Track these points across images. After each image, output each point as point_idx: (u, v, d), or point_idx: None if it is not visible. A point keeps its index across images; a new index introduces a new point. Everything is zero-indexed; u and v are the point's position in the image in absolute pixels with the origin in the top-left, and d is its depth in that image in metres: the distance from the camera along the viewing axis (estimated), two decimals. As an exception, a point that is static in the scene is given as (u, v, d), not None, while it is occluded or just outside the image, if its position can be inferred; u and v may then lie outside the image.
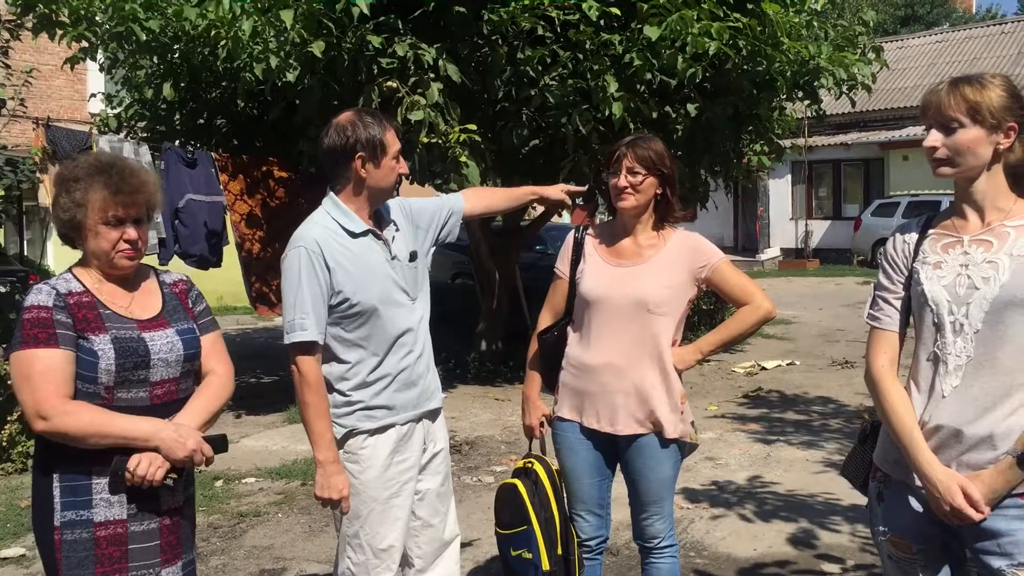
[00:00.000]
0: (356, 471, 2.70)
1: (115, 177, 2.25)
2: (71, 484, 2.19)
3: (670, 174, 2.91)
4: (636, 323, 2.85)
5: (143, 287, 2.38)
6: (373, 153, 2.67)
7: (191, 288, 2.50)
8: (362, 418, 2.71)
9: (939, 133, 2.01)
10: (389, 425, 2.73)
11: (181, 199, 7.20)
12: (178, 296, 2.44)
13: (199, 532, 4.74)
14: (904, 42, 27.58)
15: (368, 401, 2.71)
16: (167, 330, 2.32)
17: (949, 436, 2.01)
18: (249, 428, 7.36)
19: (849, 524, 4.65)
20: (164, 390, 2.28)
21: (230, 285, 15.32)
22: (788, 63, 7.51)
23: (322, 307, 2.63)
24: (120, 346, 2.20)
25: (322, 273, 2.62)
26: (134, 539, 2.22)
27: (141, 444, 2.17)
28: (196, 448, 2.21)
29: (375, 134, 2.66)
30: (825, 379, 8.87)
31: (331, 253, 2.64)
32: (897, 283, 2.15)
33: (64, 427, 2.13)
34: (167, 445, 2.18)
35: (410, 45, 6.49)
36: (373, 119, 2.70)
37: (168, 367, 2.28)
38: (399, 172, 2.74)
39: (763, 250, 23.82)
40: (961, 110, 1.98)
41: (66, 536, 2.19)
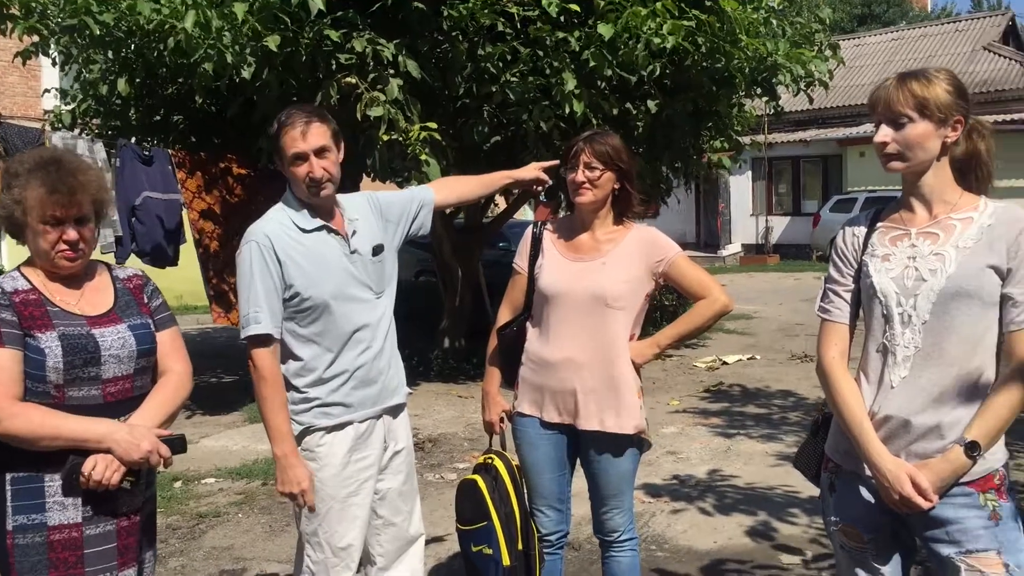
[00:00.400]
0: (314, 469, 2.68)
1: (53, 175, 2.16)
2: (23, 487, 2.13)
3: (628, 169, 2.92)
4: (594, 318, 2.86)
5: (94, 283, 2.31)
6: (275, 153, 2.68)
7: (147, 283, 2.43)
8: (319, 415, 2.69)
9: (889, 128, 2.04)
10: (347, 423, 2.71)
11: (138, 196, 7.09)
12: (132, 292, 2.37)
13: (158, 534, 4.68)
14: (861, 40, 27.95)
15: (324, 398, 2.69)
16: (118, 326, 2.25)
17: (898, 426, 2.04)
18: (209, 428, 7.28)
19: (807, 516, 4.70)
20: (118, 388, 2.22)
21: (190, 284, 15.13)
22: (746, 60, 7.57)
23: (276, 301, 2.62)
24: (68, 343, 2.15)
25: (274, 267, 2.61)
26: (90, 543, 2.16)
27: (94, 446, 2.11)
28: (152, 449, 2.15)
29: (273, 135, 2.64)
30: (785, 373, 8.97)
31: (282, 247, 2.63)
32: (847, 276, 2.18)
33: (13, 430, 2.07)
34: (121, 447, 2.12)
35: (368, 40, 6.44)
36: (280, 120, 2.64)
37: (120, 363, 2.22)
38: (306, 175, 2.62)
39: (724, 246, 24.03)
40: (910, 105, 2.01)
41: (18, 540, 2.13)
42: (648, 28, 6.61)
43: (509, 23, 6.80)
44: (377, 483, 2.82)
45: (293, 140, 2.61)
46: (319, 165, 2.63)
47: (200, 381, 9.26)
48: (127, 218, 7.03)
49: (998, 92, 21.84)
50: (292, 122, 2.62)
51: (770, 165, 23.93)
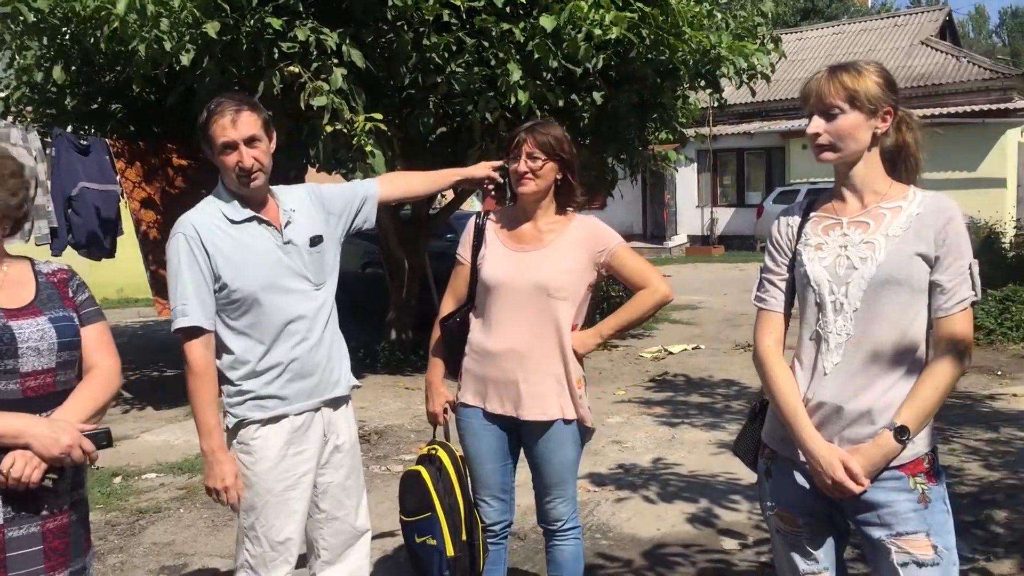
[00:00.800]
0: (249, 462, 2.65)
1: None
2: None
3: (570, 159, 2.93)
4: (537, 308, 2.87)
5: (13, 277, 2.22)
6: (203, 142, 2.63)
7: (72, 277, 2.34)
8: (253, 408, 2.66)
9: (821, 120, 2.08)
10: (282, 415, 2.68)
11: (74, 187, 6.93)
12: (56, 285, 2.28)
13: (96, 530, 4.60)
14: (803, 34, 28.41)
15: (258, 391, 2.66)
16: (38, 318, 2.16)
17: (831, 412, 2.08)
18: (150, 422, 7.16)
19: (748, 502, 4.78)
20: (38, 382, 2.13)
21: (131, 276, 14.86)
22: (690, 52, 7.63)
23: (206, 292, 2.58)
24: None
25: (202, 258, 2.57)
26: (12, 546, 2.05)
27: (10, 442, 2.01)
28: (73, 444, 2.05)
29: (200, 125, 2.60)
30: (729, 362, 9.10)
31: (210, 238, 2.59)
32: (782, 265, 2.22)
33: None
34: (40, 442, 2.01)
35: (312, 29, 6.36)
36: (209, 108, 2.60)
37: (40, 356, 2.12)
38: (235, 164, 2.57)
39: (670, 237, 24.26)
40: (841, 97, 2.05)
41: None
42: (591, 19, 6.63)
43: (454, 13, 6.77)
44: (318, 477, 2.79)
45: (223, 129, 2.56)
46: (249, 154, 2.58)
47: (142, 375, 9.10)
48: (63, 209, 6.86)
49: (935, 86, 22.39)
50: (222, 110, 2.57)
51: (715, 157, 24.22)
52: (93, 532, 4.49)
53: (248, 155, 2.58)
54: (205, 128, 2.60)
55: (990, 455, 5.48)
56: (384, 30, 6.93)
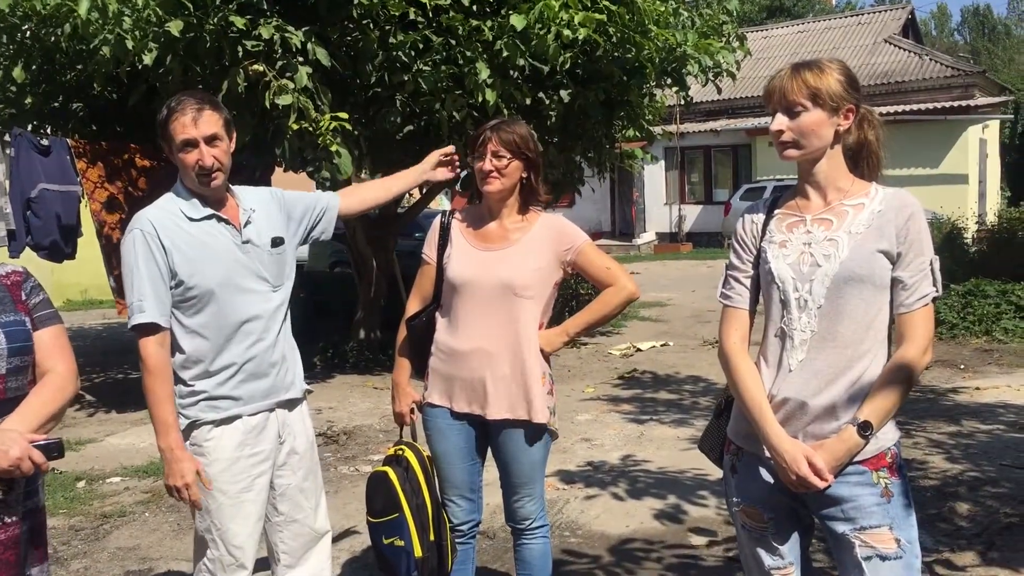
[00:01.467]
0: (203, 464, 2.62)
1: None
2: None
3: (535, 158, 2.93)
4: (503, 307, 2.86)
5: None
6: (162, 139, 2.62)
7: (26, 280, 2.26)
8: (205, 408, 2.64)
9: (784, 117, 2.09)
10: (236, 416, 2.66)
11: (34, 188, 6.81)
12: (8, 288, 2.21)
13: (59, 535, 4.53)
14: (769, 32, 28.65)
15: (211, 391, 2.63)
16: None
17: (795, 408, 2.09)
18: (115, 426, 7.07)
19: (716, 498, 4.81)
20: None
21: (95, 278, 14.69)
22: (656, 50, 7.67)
23: (162, 288, 2.57)
24: None
25: (159, 254, 2.55)
26: None
27: None
28: (21, 457, 1.96)
29: (159, 121, 2.59)
30: (697, 359, 9.15)
31: (167, 234, 2.58)
32: (747, 262, 2.23)
33: None
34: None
35: (276, 27, 6.30)
36: (169, 105, 2.58)
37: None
38: (195, 163, 2.55)
39: (639, 234, 24.36)
40: (804, 94, 2.06)
41: None
42: (560, 19, 6.64)
43: (421, 12, 6.75)
44: (276, 479, 2.77)
45: (183, 126, 2.54)
46: (209, 153, 2.56)
47: (106, 377, 8.97)
48: (21, 211, 6.75)
49: (898, 83, 22.68)
50: (183, 108, 2.55)
51: (682, 154, 24.34)
52: (56, 537, 4.46)
53: (208, 154, 2.57)
54: (165, 125, 2.57)
55: (953, 448, 5.56)
56: (350, 28, 6.89)
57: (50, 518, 4.67)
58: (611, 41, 7.16)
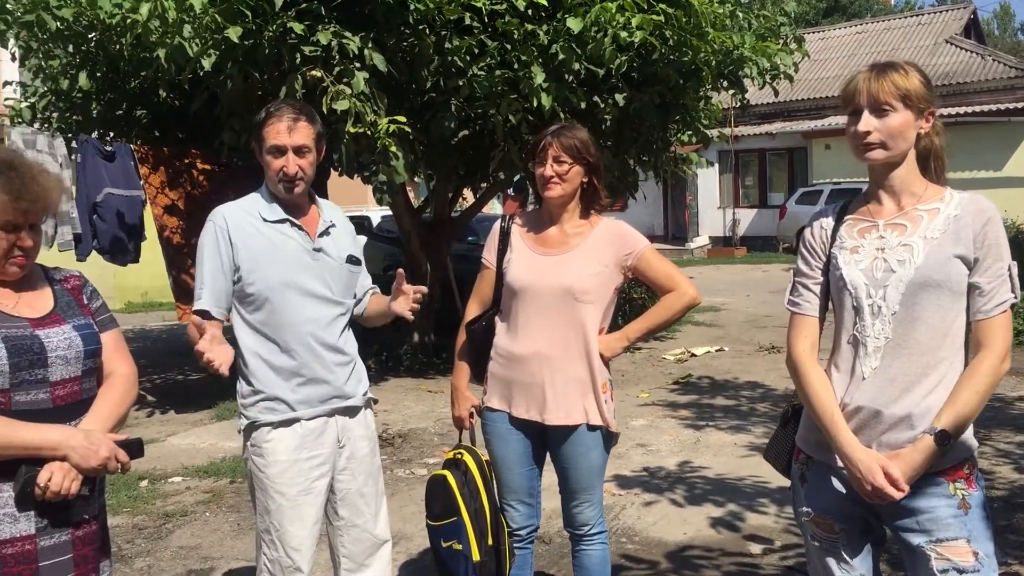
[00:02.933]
0: (261, 464, 2.67)
1: (16, 182, 2.05)
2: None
3: (595, 163, 2.91)
4: (563, 312, 2.85)
5: (31, 285, 2.19)
6: (257, 144, 2.69)
7: (85, 284, 2.32)
8: (263, 410, 2.68)
9: (872, 117, 2.04)
10: (293, 420, 2.69)
11: (99, 193, 6.97)
12: (71, 292, 2.26)
13: (123, 534, 4.62)
14: (826, 33, 28.23)
15: (268, 392, 2.68)
16: (63, 326, 2.14)
17: (869, 417, 2.05)
18: (176, 426, 7.19)
19: (776, 506, 4.73)
20: (66, 390, 2.11)
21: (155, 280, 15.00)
22: (713, 53, 7.59)
23: (221, 280, 2.64)
24: (12, 344, 2.03)
25: (224, 247, 2.63)
26: (44, 555, 2.04)
27: (48, 454, 2.00)
28: (109, 456, 2.04)
29: (259, 123, 2.66)
30: (753, 364, 9.03)
31: (238, 230, 2.65)
32: (816, 269, 2.19)
33: None
34: (78, 454, 2.00)
35: (334, 33, 6.37)
36: (268, 109, 2.66)
37: (68, 365, 2.11)
38: (280, 169, 2.62)
39: (692, 239, 24.17)
40: (894, 95, 2.02)
41: None
42: (616, 22, 6.61)
43: (476, 16, 6.77)
44: (336, 483, 2.78)
45: (276, 132, 2.62)
46: (295, 162, 2.64)
47: (167, 379, 9.14)
48: (88, 215, 6.91)
49: (959, 84, 22.17)
50: (280, 115, 2.63)
51: (736, 158, 24.10)
52: (121, 535, 4.55)
53: (294, 163, 2.64)
54: (260, 127, 2.65)
55: (1021, 458, 5.41)
56: (406, 33, 6.93)
57: (114, 516, 4.79)
58: (668, 44, 7.11)
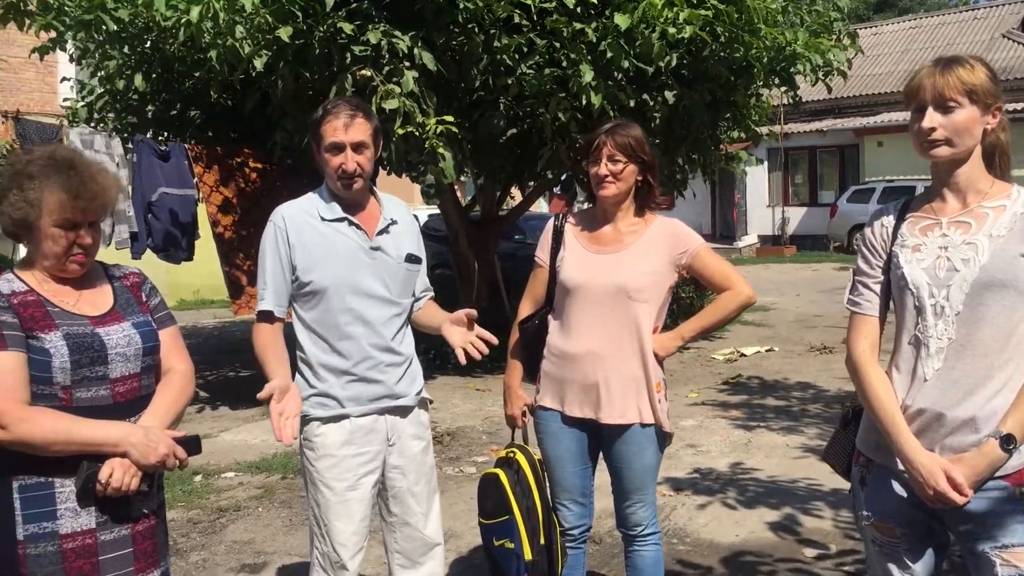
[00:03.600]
0: (312, 458, 2.71)
1: (75, 180, 2.08)
2: (33, 494, 2.04)
3: (650, 161, 2.90)
4: (617, 310, 2.84)
5: (91, 283, 2.22)
6: (312, 138, 2.71)
7: (144, 281, 2.35)
8: (315, 404, 2.71)
9: (937, 114, 2.00)
10: (343, 416, 2.70)
11: (154, 192, 7.10)
12: (130, 290, 2.29)
13: (178, 528, 4.70)
14: (878, 28, 27.75)
15: (320, 388, 2.71)
16: (122, 324, 2.17)
17: (932, 419, 2.00)
18: (228, 422, 7.30)
19: (832, 509, 4.66)
20: (126, 387, 2.14)
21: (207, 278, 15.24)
22: (765, 49, 7.50)
23: (281, 280, 2.69)
24: (73, 342, 2.06)
25: (283, 247, 2.67)
26: (105, 549, 2.08)
27: (109, 450, 2.03)
28: (168, 452, 2.08)
29: (313, 120, 2.68)
30: (804, 364, 8.91)
31: (296, 230, 2.68)
32: (876, 267, 2.15)
33: (25, 435, 1.97)
34: (139, 451, 2.04)
35: (383, 32, 6.41)
36: (325, 107, 2.68)
37: (128, 362, 2.14)
38: (339, 166, 2.63)
39: (740, 237, 23.92)
40: (959, 91, 1.97)
41: (30, 550, 2.03)
42: (665, 18, 6.56)
43: (525, 15, 6.77)
44: (388, 480, 2.78)
45: (334, 130, 2.63)
46: (353, 159, 2.64)
47: (219, 375, 9.29)
48: (143, 214, 7.04)
49: (1017, 80, 21.63)
50: (337, 112, 2.64)
51: (786, 155, 23.80)
52: (176, 529, 4.62)
53: (352, 160, 2.64)
54: (318, 125, 2.66)
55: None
56: (455, 32, 6.96)
57: (169, 511, 4.85)
58: (719, 41, 7.04)
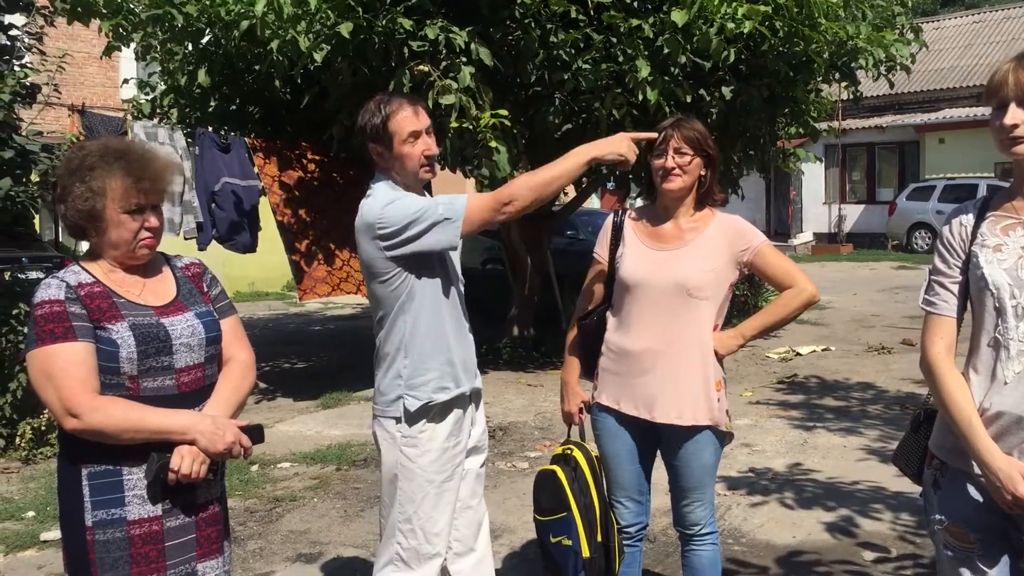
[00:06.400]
0: (413, 455, 2.71)
1: (136, 164, 2.12)
2: (101, 481, 2.08)
3: (714, 155, 2.88)
4: (677, 308, 2.81)
5: (155, 273, 2.26)
6: (378, 139, 2.69)
7: (205, 271, 2.38)
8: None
9: (1020, 110, 1.94)
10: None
11: (216, 183, 7.22)
12: (192, 280, 2.33)
13: (236, 516, 4.77)
14: (940, 23, 27.11)
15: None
16: (186, 314, 2.21)
17: (1011, 423, 1.95)
18: (283, 413, 7.40)
19: (892, 512, 4.58)
20: (191, 377, 2.18)
21: (262, 271, 15.49)
22: (826, 44, 7.38)
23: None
24: (139, 332, 2.10)
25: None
26: (170, 535, 2.13)
27: (178, 438, 2.07)
28: (235, 440, 2.12)
29: (375, 122, 2.67)
30: (862, 365, 8.76)
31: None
32: (954, 267, 2.09)
33: (97, 424, 2.01)
34: (206, 438, 2.08)
35: (441, 28, 6.44)
36: (377, 106, 2.69)
37: (191, 352, 2.17)
38: (421, 153, 2.66)
39: (795, 235, 23.59)
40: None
41: (99, 536, 2.07)
42: (723, 13, 6.49)
43: (582, 10, 6.74)
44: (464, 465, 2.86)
45: (407, 119, 2.66)
46: (431, 142, 2.69)
47: (274, 366, 9.42)
48: (207, 204, 7.16)
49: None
50: (400, 105, 2.68)
51: (844, 152, 23.39)
52: (234, 518, 4.68)
53: (432, 143, 2.70)
54: (385, 125, 2.66)
55: None
56: (511, 28, 6.96)
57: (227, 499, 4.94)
58: (778, 35, 6.94)
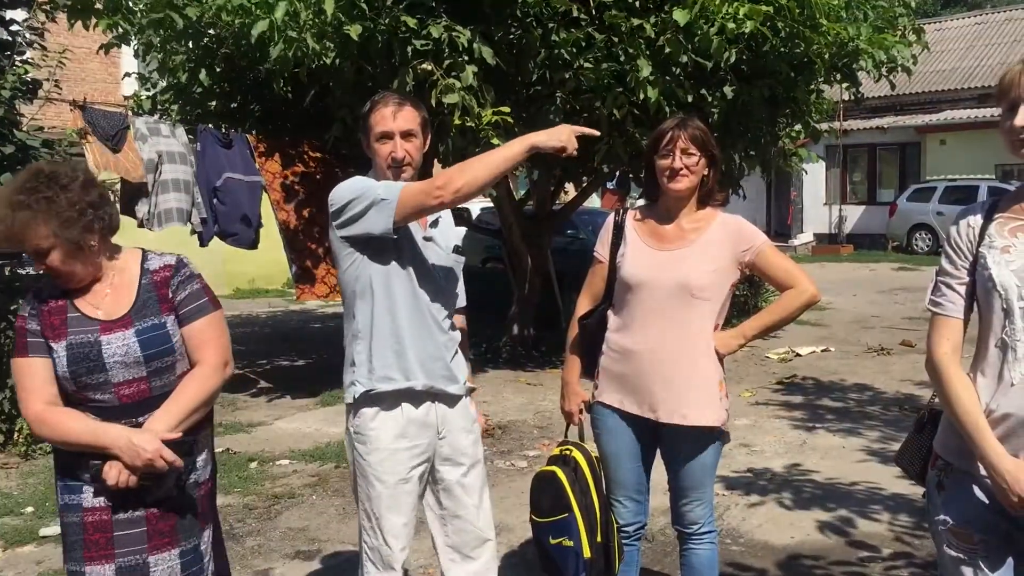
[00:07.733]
0: (363, 452, 2.69)
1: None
2: (66, 467, 2.27)
3: (717, 155, 2.88)
4: (678, 308, 2.81)
5: (123, 281, 2.33)
6: (362, 131, 2.73)
7: (176, 274, 2.36)
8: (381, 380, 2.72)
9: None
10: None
11: (219, 178, 7.20)
12: (157, 286, 2.33)
13: (234, 513, 4.77)
14: (942, 24, 27.11)
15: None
16: (126, 332, 2.24)
17: (1018, 425, 1.94)
18: (282, 410, 7.39)
19: (889, 513, 4.58)
20: (133, 389, 2.26)
21: (262, 268, 15.46)
22: (827, 45, 7.35)
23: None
24: (73, 353, 2.21)
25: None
26: (119, 526, 2.24)
27: (106, 452, 2.18)
28: (153, 456, 2.16)
29: (363, 113, 2.71)
30: (861, 366, 8.76)
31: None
32: (961, 268, 2.09)
33: (39, 434, 2.27)
34: (126, 454, 2.16)
35: (445, 27, 6.43)
36: (373, 99, 2.71)
37: (128, 368, 2.24)
38: (388, 154, 2.64)
39: (796, 235, 23.57)
40: None
41: (64, 519, 2.27)
42: (724, 13, 6.48)
43: (584, 9, 6.74)
44: (438, 473, 2.75)
45: (383, 118, 2.65)
46: (402, 147, 2.66)
47: (273, 364, 9.41)
48: (209, 200, 7.14)
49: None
50: (385, 102, 2.67)
51: (845, 152, 23.37)
52: (232, 515, 4.69)
53: (401, 147, 2.66)
54: (367, 117, 2.69)
55: None
56: (513, 26, 6.95)
57: (226, 496, 4.95)
58: (779, 36, 6.93)
